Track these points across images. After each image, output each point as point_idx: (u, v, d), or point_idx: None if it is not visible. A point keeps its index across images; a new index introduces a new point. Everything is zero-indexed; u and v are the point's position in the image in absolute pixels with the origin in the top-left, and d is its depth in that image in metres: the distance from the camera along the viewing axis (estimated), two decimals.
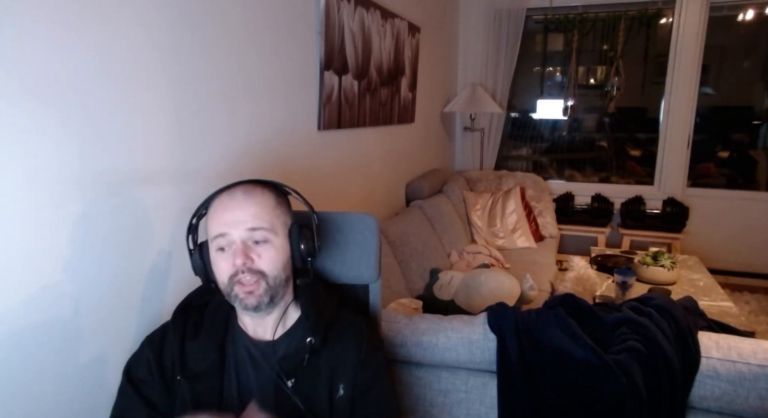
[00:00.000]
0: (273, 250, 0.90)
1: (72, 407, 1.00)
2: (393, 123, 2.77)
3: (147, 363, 0.91)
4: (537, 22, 3.92)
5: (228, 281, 0.88)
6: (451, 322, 1.44)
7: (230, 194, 0.90)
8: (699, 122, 3.72)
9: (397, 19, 2.58)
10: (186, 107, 1.24)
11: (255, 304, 0.88)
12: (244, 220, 0.87)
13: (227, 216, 0.88)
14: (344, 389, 0.92)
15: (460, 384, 1.42)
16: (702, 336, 1.30)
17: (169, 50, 1.17)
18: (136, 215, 1.11)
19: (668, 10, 3.64)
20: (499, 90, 3.95)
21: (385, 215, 2.80)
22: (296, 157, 1.82)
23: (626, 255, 3.07)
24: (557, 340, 1.30)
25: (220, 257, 0.89)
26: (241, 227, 0.87)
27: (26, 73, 0.86)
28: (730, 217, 3.73)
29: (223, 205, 0.89)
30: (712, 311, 2.23)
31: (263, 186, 0.94)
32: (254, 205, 0.89)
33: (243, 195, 0.89)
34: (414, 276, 2.37)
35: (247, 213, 0.88)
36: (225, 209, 0.89)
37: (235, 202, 0.89)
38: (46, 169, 0.91)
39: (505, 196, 3.52)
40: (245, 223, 0.87)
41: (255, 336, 0.95)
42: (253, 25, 1.49)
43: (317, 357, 0.93)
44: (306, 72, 1.84)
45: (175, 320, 0.96)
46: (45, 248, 0.92)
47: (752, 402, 1.19)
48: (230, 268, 0.87)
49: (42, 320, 0.93)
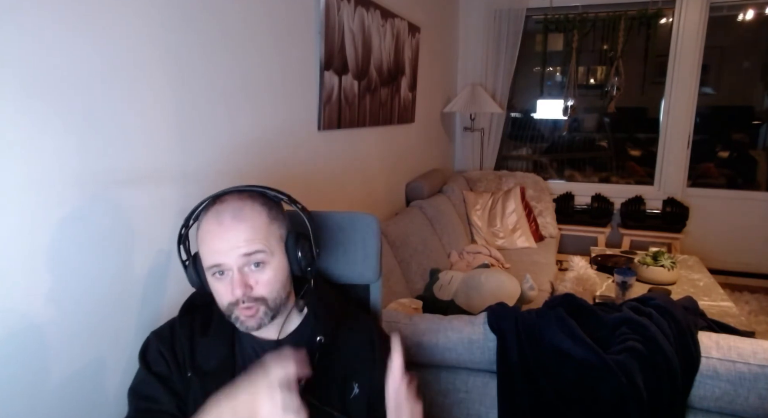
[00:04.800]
0: (271, 272, 0.86)
1: (72, 407, 1.00)
2: (393, 123, 2.77)
3: (163, 358, 0.90)
4: (537, 22, 3.92)
5: (227, 306, 0.86)
6: (451, 322, 1.44)
7: (217, 217, 0.84)
8: (699, 122, 3.72)
9: (397, 19, 2.58)
10: (186, 107, 1.24)
11: (256, 326, 0.87)
12: (238, 246, 0.82)
13: (219, 244, 0.83)
14: (359, 388, 0.91)
15: (460, 384, 1.42)
16: (702, 336, 1.30)
17: (169, 50, 1.17)
18: (135, 214, 1.11)
19: (668, 10, 3.64)
20: (499, 90, 3.95)
21: (385, 215, 2.80)
22: (296, 158, 1.82)
23: (626, 255, 3.07)
24: (557, 340, 1.30)
25: (218, 283, 0.86)
26: (235, 254, 0.83)
27: (26, 73, 0.86)
28: (730, 217, 3.73)
29: (211, 231, 0.84)
30: (712, 311, 2.23)
31: (253, 200, 0.88)
32: (246, 229, 0.83)
33: (232, 219, 0.83)
34: (414, 276, 2.37)
35: (239, 238, 0.83)
36: (214, 235, 0.83)
37: (224, 228, 0.83)
38: (46, 169, 0.91)
39: (505, 196, 3.52)
40: (239, 249, 0.82)
41: (260, 336, 0.94)
42: (253, 25, 1.49)
43: (327, 356, 0.92)
44: (306, 72, 1.84)
45: (183, 318, 0.95)
46: (44, 248, 0.92)
47: (752, 402, 1.19)
48: (229, 296, 0.85)
49: (41, 320, 0.92)
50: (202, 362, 0.90)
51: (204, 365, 0.90)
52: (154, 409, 0.87)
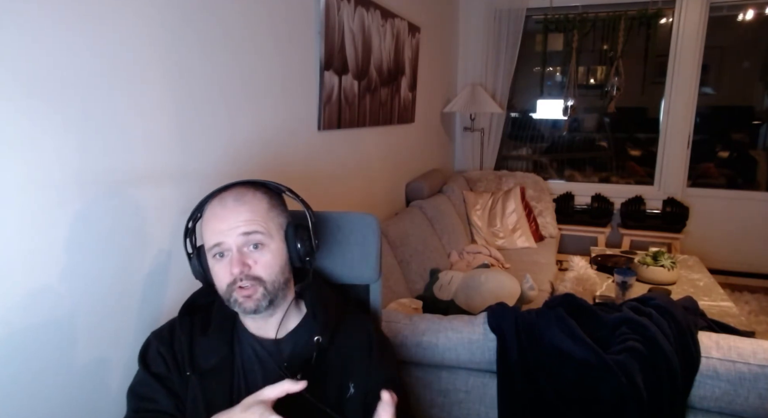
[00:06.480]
0: (269, 254, 0.89)
1: (72, 407, 1.00)
2: (393, 123, 2.77)
3: (162, 358, 0.90)
4: (537, 22, 3.92)
5: (226, 288, 0.88)
6: (451, 322, 1.44)
7: (221, 202, 0.88)
8: (699, 122, 3.72)
9: (397, 19, 2.58)
10: (186, 107, 1.24)
11: (254, 307, 0.87)
12: (237, 226, 0.86)
13: (220, 224, 0.87)
14: (355, 388, 0.92)
15: (460, 384, 1.42)
16: (702, 336, 1.30)
17: (169, 50, 1.17)
18: (135, 214, 1.11)
19: (668, 10, 3.64)
20: (499, 90, 3.95)
21: (385, 215, 2.80)
22: (296, 158, 1.82)
23: (626, 255, 3.07)
24: (557, 340, 1.30)
25: (218, 264, 0.88)
26: (235, 233, 0.86)
27: (27, 73, 0.86)
28: (730, 217, 3.73)
29: (214, 214, 0.88)
30: (712, 311, 2.23)
31: (255, 188, 0.92)
32: (246, 211, 0.88)
33: (234, 201, 0.88)
34: (414, 276, 2.37)
35: (239, 219, 0.87)
36: (217, 217, 0.87)
37: (227, 210, 0.87)
38: (46, 169, 0.91)
39: (505, 196, 3.52)
40: (238, 228, 0.86)
41: (259, 335, 0.95)
42: (253, 25, 1.49)
43: (325, 356, 0.93)
44: (306, 72, 1.84)
45: (182, 318, 0.95)
46: (45, 248, 0.92)
47: (752, 402, 1.19)
48: (228, 276, 0.87)
49: (41, 320, 0.92)
50: (202, 361, 0.91)
51: (203, 364, 0.90)
52: (152, 409, 0.87)
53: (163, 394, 0.88)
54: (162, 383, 0.88)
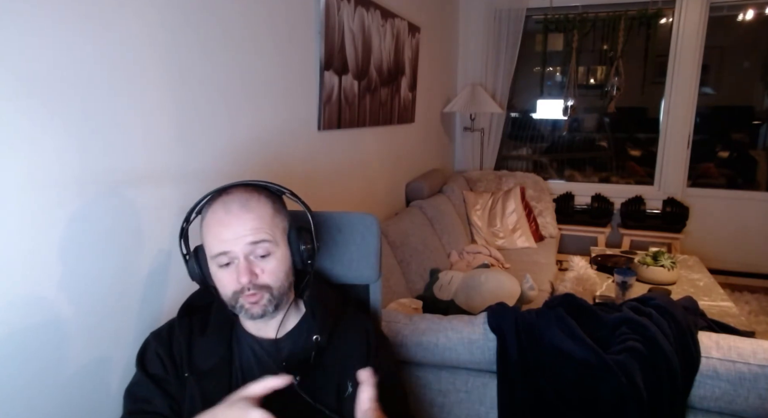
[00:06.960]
0: (275, 261, 0.88)
1: (72, 407, 1.00)
2: (393, 123, 2.77)
3: (159, 359, 0.90)
4: (537, 22, 3.92)
5: (232, 295, 0.87)
6: (451, 322, 1.44)
7: (225, 207, 0.86)
8: (699, 122, 3.72)
9: (397, 19, 2.58)
10: (186, 107, 1.24)
11: (261, 313, 0.87)
12: (245, 234, 0.85)
13: (226, 233, 0.85)
14: (353, 387, 0.92)
15: (460, 384, 1.42)
16: (702, 336, 1.30)
17: (169, 50, 1.17)
18: (135, 214, 1.11)
19: (668, 10, 3.64)
20: (499, 90, 3.95)
21: (385, 215, 2.80)
22: (296, 158, 1.82)
23: (626, 255, 3.07)
24: (557, 340, 1.30)
25: (223, 272, 0.87)
26: (242, 242, 0.85)
27: (27, 73, 0.86)
28: (730, 217, 3.73)
29: (218, 219, 0.86)
30: (712, 311, 2.23)
31: (258, 193, 0.90)
32: (253, 218, 0.86)
33: (239, 208, 0.86)
34: (414, 276, 2.37)
35: (246, 227, 0.85)
36: (221, 223, 0.85)
37: (232, 216, 0.85)
38: (46, 169, 0.91)
39: (505, 196, 3.52)
40: (246, 237, 0.85)
41: (258, 335, 0.95)
42: (253, 25, 1.49)
43: (323, 355, 0.93)
44: (306, 72, 1.84)
45: (181, 319, 0.95)
46: (44, 247, 0.92)
47: (752, 402, 1.19)
48: (234, 284, 0.86)
49: (41, 320, 0.92)
50: (200, 362, 0.91)
51: (201, 364, 0.90)
52: (147, 410, 0.87)
53: (158, 395, 0.88)
54: (158, 385, 0.89)
